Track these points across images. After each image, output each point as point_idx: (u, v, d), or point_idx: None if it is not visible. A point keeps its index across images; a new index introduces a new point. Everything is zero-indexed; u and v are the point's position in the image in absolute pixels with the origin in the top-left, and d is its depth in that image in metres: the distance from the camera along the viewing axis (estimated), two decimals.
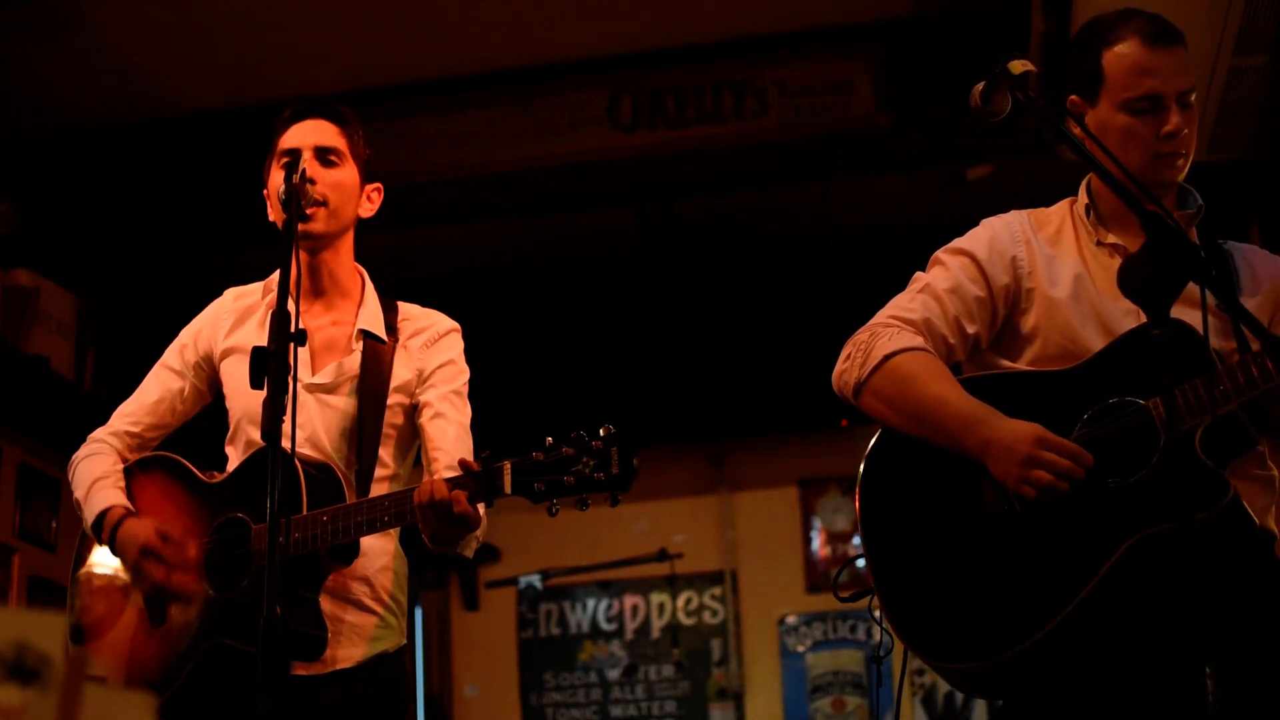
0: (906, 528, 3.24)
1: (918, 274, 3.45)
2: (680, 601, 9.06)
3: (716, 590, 9.06)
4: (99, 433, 3.87)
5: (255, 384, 3.04)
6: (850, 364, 3.32)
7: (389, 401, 3.68)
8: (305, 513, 3.38)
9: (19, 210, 7.23)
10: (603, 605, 9.23)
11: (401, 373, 3.71)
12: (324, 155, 3.71)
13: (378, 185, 3.84)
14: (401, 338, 3.76)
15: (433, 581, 9.12)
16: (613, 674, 9.10)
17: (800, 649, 8.87)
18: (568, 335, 8.65)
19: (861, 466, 3.31)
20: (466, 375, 3.76)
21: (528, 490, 3.16)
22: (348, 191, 3.74)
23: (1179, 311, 3.16)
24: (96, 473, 3.75)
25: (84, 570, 3.86)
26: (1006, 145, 6.48)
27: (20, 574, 7.22)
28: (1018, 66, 3.07)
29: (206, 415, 3.94)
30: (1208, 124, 6.10)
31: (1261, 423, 3.12)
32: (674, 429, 8.59)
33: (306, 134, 3.74)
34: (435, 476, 3.32)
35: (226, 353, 3.79)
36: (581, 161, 7.06)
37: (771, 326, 8.30)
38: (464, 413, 3.69)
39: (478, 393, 3.77)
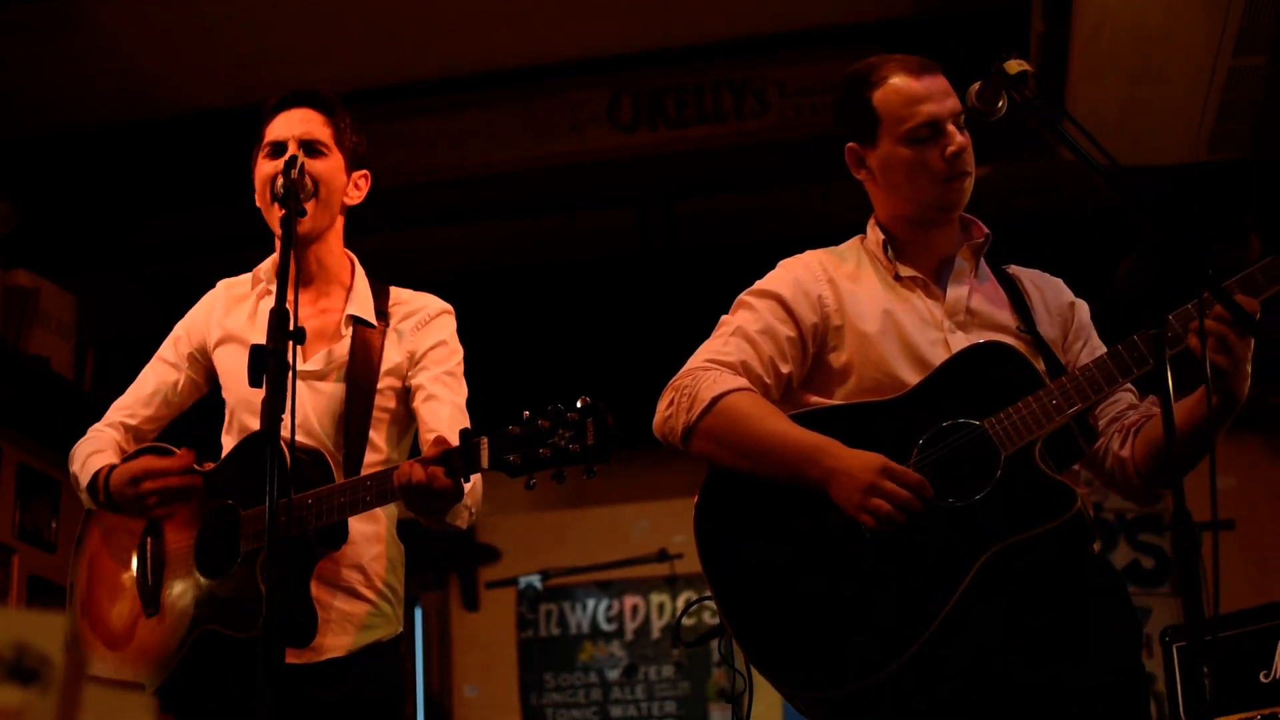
0: (753, 564, 3.25)
1: (724, 318, 3.51)
2: (680, 602, 9.05)
3: None
4: (97, 426, 3.89)
5: (254, 382, 3.05)
6: (675, 409, 3.33)
7: (380, 386, 3.68)
8: (291, 496, 3.38)
9: (19, 210, 7.23)
10: (603, 606, 9.22)
11: (392, 356, 3.71)
12: (310, 147, 3.72)
13: (365, 172, 3.84)
14: (393, 321, 3.76)
15: (432, 582, 9.12)
16: (613, 674, 9.10)
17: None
18: (567, 335, 8.65)
19: (695, 509, 3.34)
20: (460, 355, 3.76)
21: (504, 464, 3.15)
22: (334, 182, 3.75)
23: (987, 339, 3.28)
24: (92, 448, 3.79)
25: (83, 564, 3.87)
26: (1004, 146, 6.49)
27: (20, 574, 7.21)
28: (1014, 66, 3.09)
29: (202, 409, 3.94)
30: (1207, 124, 6.11)
31: (1090, 434, 3.23)
32: None
33: (293, 124, 3.75)
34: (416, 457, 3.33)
35: (219, 342, 3.81)
36: (581, 161, 7.06)
37: None
38: (458, 393, 3.70)
39: (477, 393, 3.76)
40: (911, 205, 3.40)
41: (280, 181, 3.49)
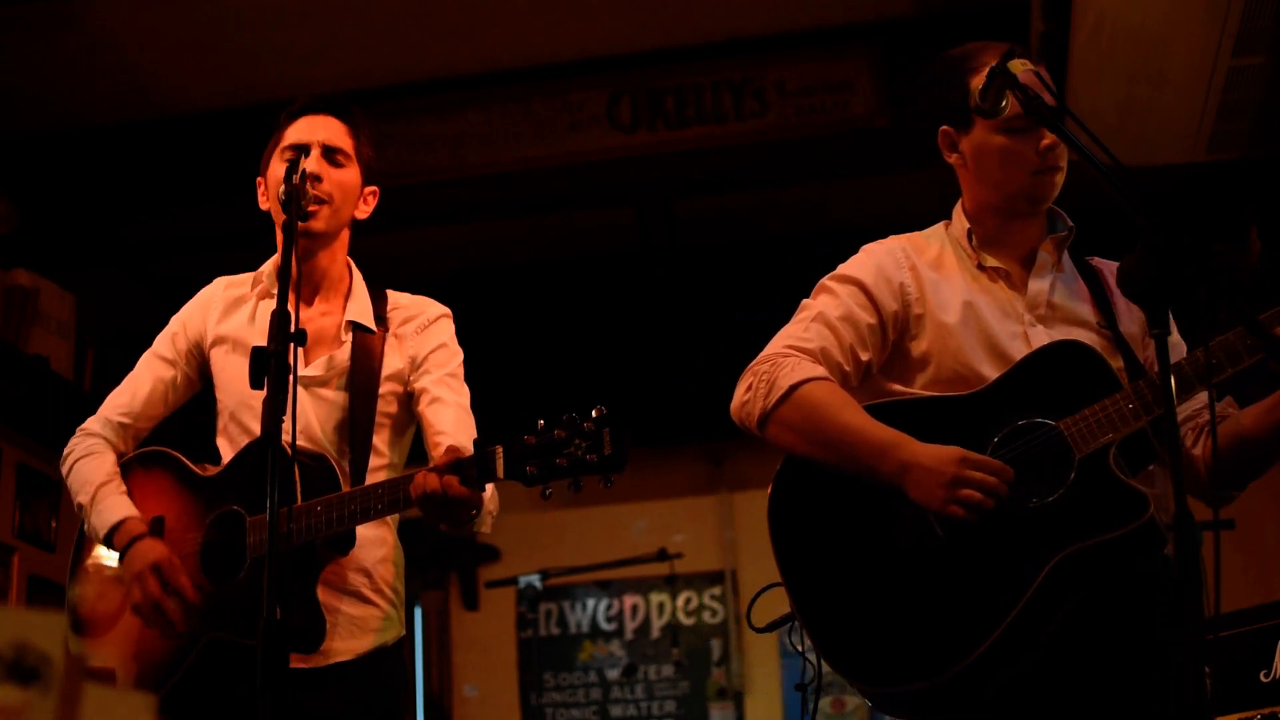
0: (824, 555, 3.24)
1: (805, 301, 3.48)
2: (680, 601, 9.06)
3: (716, 590, 9.06)
4: (91, 424, 3.85)
5: (255, 384, 3.04)
6: (753, 395, 3.33)
7: (381, 391, 3.68)
8: (300, 504, 3.38)
9: (19, 210, 7.23)
10: (602, 605, 9.22)
11: (393, 361, 3.71)
12: (331, 154, 3.72)
13: (375, 188, 3.84)
14: (392, 326, 3.76)
15: (432, 581, 9.12)
16: (612, 674, 9.09)
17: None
18: (567, 335, 8.65)
19: (769, 496, 3.33)
20: (461, 357, 3.76)
21: (520, 474, 3.13)
22: (350, 192, 3.75)
23: (1067, 333, 3.26)
24: (99, 476, 3.74)
25: (85, 565, 3.86)
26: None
27: (20, 574, 7.21)
28: (1017, 66, 3.08)
29: (199, 408, 3.93)
30: (1207, 124, 6.11)
31: (1161, 437, 3.15)
32: (674, 429, 8.58)
33: (316, 129, 3.74)
34: (432, 463, 3.31)
35: (215, 341, 3.79)
36: (581, 161, 7.06)
37: (772, 326, 8.27)
38: (462, 394, 3.69)
39: (478, 393, 3.76)
40: (1000, 194, 3.38)
41: (283, 188, 3.47)
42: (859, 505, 3.20)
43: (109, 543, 3.66)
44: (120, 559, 3.62)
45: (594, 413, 3.11)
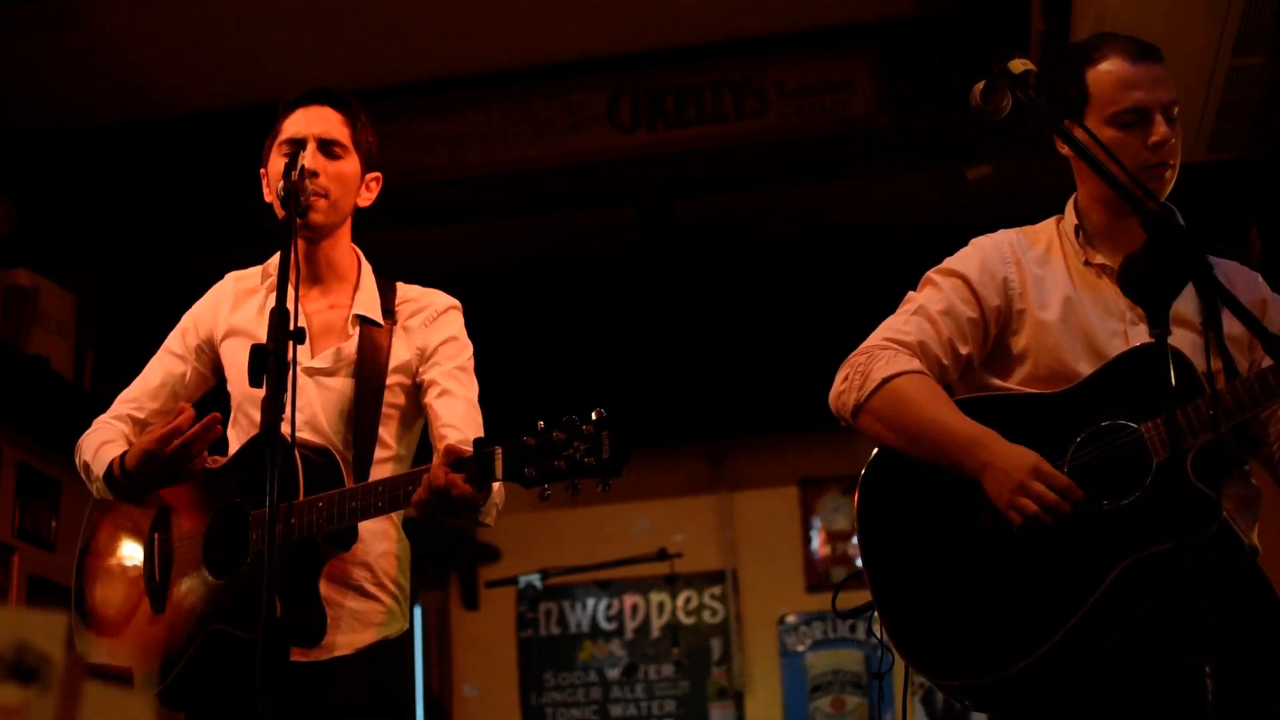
0: (905, 545, 3.29)
1: (910, 294, 3.49)
2: (680, 601, 9.06)
3: (716, 590, 9.06)
4: (104, 417, 3.87)
5: (254, 382, 3.05)
6: (848, 386, 3.36)
7: (388, 382, 3.68)
8: (302, 498, 3.38)
9: (19, 209, 7.23)
10: (602, 605, 9.23)
11: (400, 353, 3.71)
12: (327, 147, 3.72)
13: (377, 175, 3.84)
14: (400, 319, 3.76)
15: (432, 581, 9.12)
16: (612, 673, 9.10)
17: (800, 648, 8.87)
18: (567, 335, 8.66)
19: (859, 485, 3.37)
20: (470, 351, 3.75)
21: (518, 475, 3.13)
22: (349, 183, 3.75)
23: (1176, 335, 3.22)
24: (102, 438, 3.76)
25: (89, 559, 3.87)
26: (1007, 145, 6.49)
27: (20, 573, 7.21)
28: (1018, 66, 3.08)
29: (208, 399, 3.94)
30: (1207, 124, 6.11)
31: (1249, 443, 3.19)
32: (674, 428, 8.58)
33: (312, 122, 3.74)
34: (435, 461, 3.30)
35: (226, 334, 3.80)
36: (581, 161, 7.06)
37: (771, 326, 8.30)
38: (471, 388, 3.69)
39: (479, 392, 3.76)
40: (1109, 188, 3.38)
41: (282, 184, 3.48)
42: (944, 499, 3.24)
43: (110, 482, 3.65)
44: (130, 485, 3.61)
45: (594, 415, 3.10)
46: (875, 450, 3.38)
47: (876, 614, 3.31)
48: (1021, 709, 3.14)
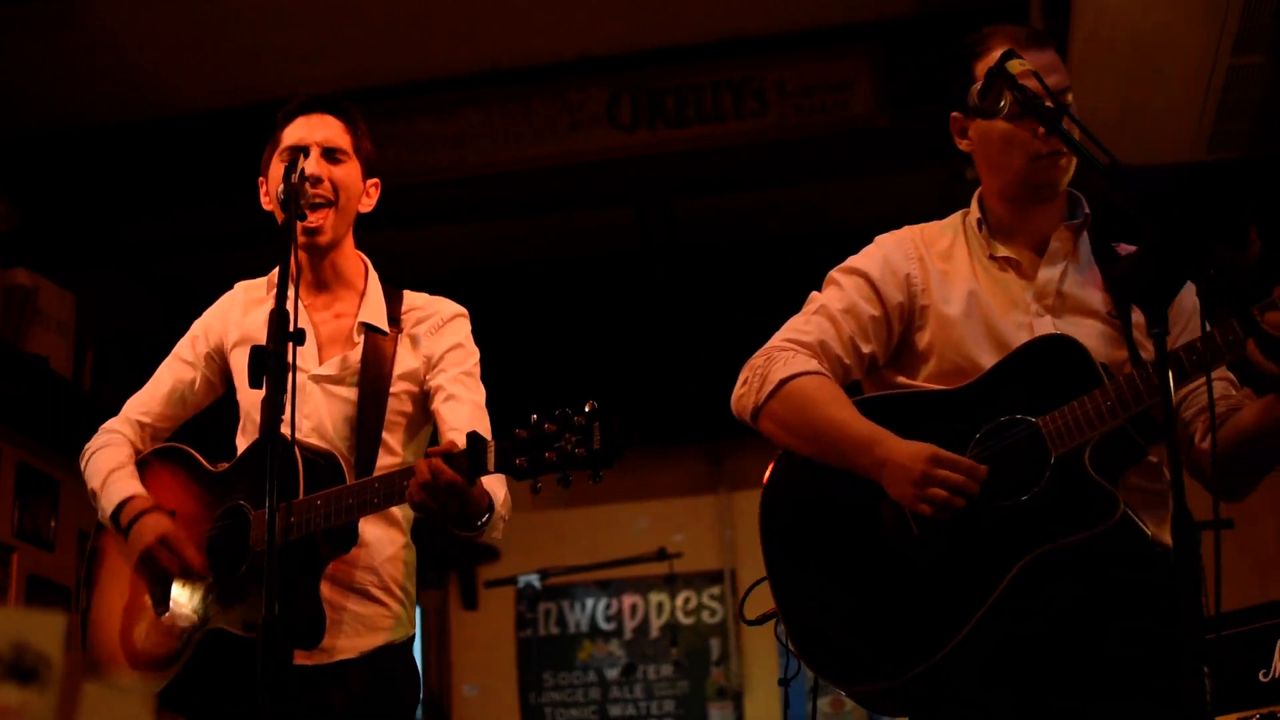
0: (807, 550, 3.25)
1: (813, 293, 3.48)
2: (679, 601, 9.06)
3: (715, 590, 9.07)
4: (112, 423, 3.89)
5: (254, 383, 3.05)
6: (748, 389, 3.35)
7: (394, 390, 3.68)
8: (301, 498, 3.39)
9: (18, 209, 7.23)
10: (601, 605, 9.23)
11: (407, 361, 3.72)
12: (330, 154, 3.73)
13: (376, 180, 3.86)
14: (406, 327, 3.77)
15: (432, 581, 9.12)
16: (611, 673, 9.10)
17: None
18: (567, 335, 8.66)
19: (763, 491, 3.34)
20: (476, 357, 3.76)
21: (510, 467, 3.14)
22: (353, 189, 3.77)
23: (1076, 324, 3.22)
24: (112, 463, 3.77)
25: (95, 559, 3.88)
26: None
27: (19, 573, 7.22)
28: (1015, 66, 3.08)
29: (218, 406, 3.96)
30: (1207, 123, 6.11)
31: (1151, 433, 3.11)
32: (673, 428, 8.59)
33: (314, 129, 3.75)
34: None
35: (236, 343, 3.81)
36: (581, 161, 7.06)
37: (771, 326, 8.28)
38: (477, 392, 3.69)
39: None
40: (1005, 180, 3.35)
41: (282, 188, 3.48)
42: (845, 502, 3.21)
43: (116, 520, 3.69)
44: (126, 534, 3.65)
45: (586, 407, 3.12)
46: (778, 455, 3.36)
47: (780, 619, 3.27)
48: (928, 712, 3.11)
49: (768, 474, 3.36)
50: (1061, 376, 3.10)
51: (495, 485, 3.40)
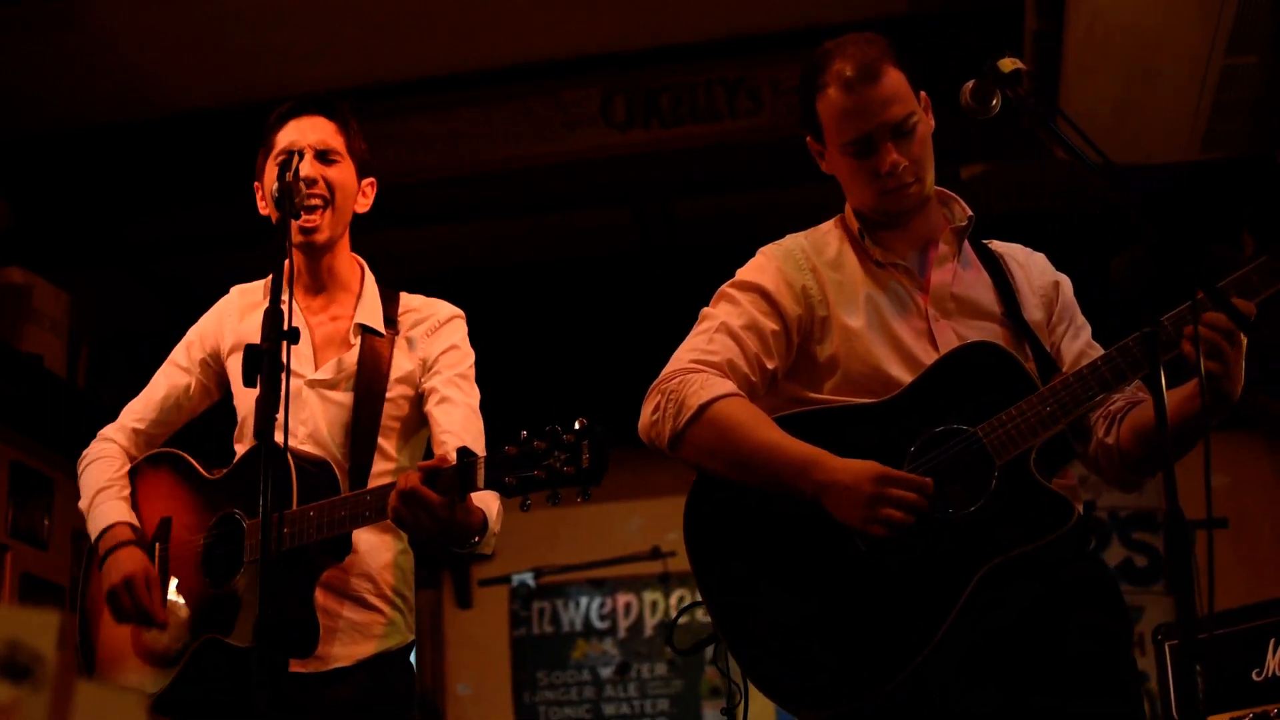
0: (745, 572, 3.18)
1: (705, 310, 3.41)
2: (673, 600, 9.06)
3: None
4: (108, 430, 3.89)
5: (248, 382, 3.05)
6: (662, 415, 3.24)
7: (390, 394, 3.68)
8: (294, 508, 3.38)
9: (14, 208, 7.23)
10: (596, 603, 9.23)
11: (403, 364, 3.71)
12: (324, 155, 3.72)
13: (372, 180, 3.85)
14: (402, 329, 3.76)
15: (425, 580, 9.11)
16: (606, 672, 9.10)
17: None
18: (561, 334, 8.65)
19: (685, 516, 3.27)
20: (471, 359, 3.75)
21: (499, 484, 3.13)
22: (348, 190, 3.76)
23: (972, 327, 3.24)
24: (100, 481, 3.78)
25: (94, 566, 3.87)
26: (1000, 144, 6.49)
27: (12, 572, 7.21)
28: (1008, 65, 3.08)
29: (216, 412, 3.95)
30: (1201, 123, 6.11)
31: (1083, 434, 3.19)
32: None
33: (306, 132, 3.74)
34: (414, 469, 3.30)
35: (232, 349, 3.80)
36: (575, 160, 7.06)
37: None
38: (471, 395, 3.68)
39: None
40: (864, 208, 3.38)
41: (276, 187, 3.47)
42: (779, 523, 3.14)
43: (95, 546, 3.70)
44: (101, 564, 3.65)
45: (576, 424, 3.10)
46: (695, 481, 3.28)
47: (725, 648, 3.22)
48: None
49: (687, 499, 3.28)
50: (991, 384, 3.08)
51: (489, 499, 3.39)
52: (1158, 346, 2.76)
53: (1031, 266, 3.42)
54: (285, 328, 3.09)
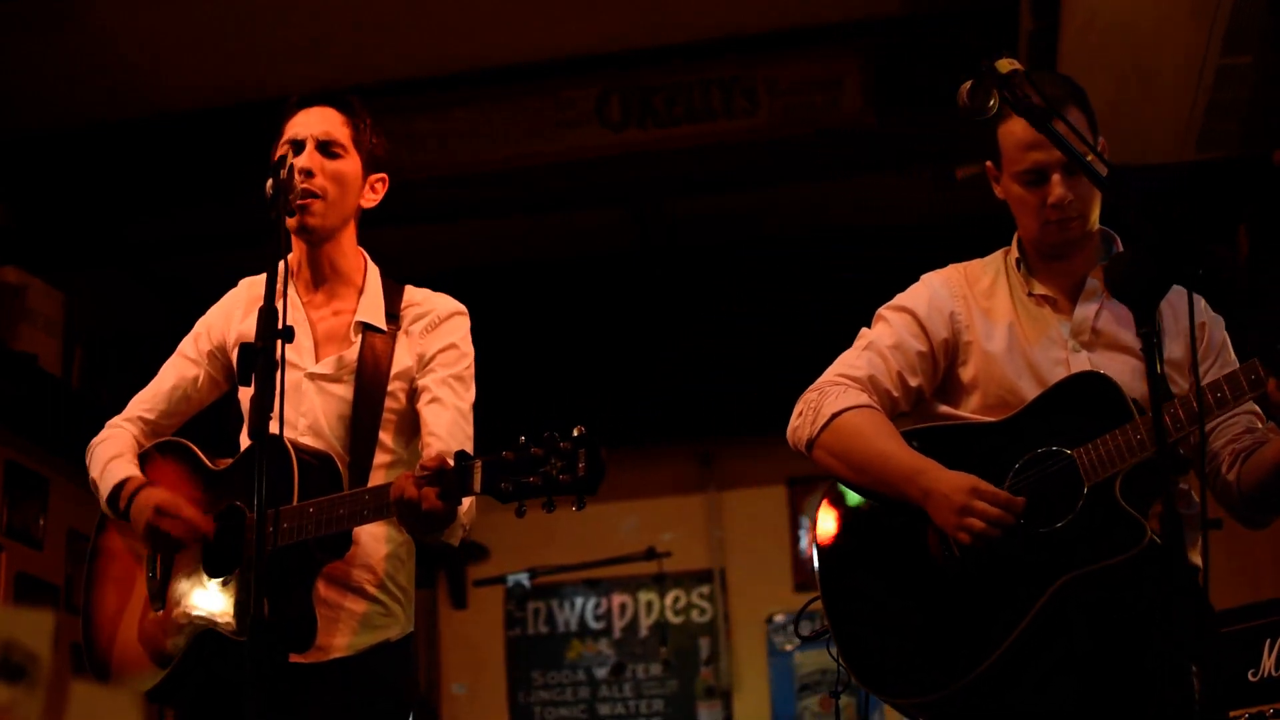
0: (860, 574, 3.46)
1: (863, 330, 3.63)
2: (668, 600, 9.05)
3: (705, 589, 9.06)
4: (116, 419, 3.90)
5: (243, 380, 3.06)
6: (802, 421, 3.53)
7: (390, 388, 3.68)
8: (295, 503, 3.38)
9: (10, 207, 7.22)
10: (590, 604, 9.22)
11: (403, 359, 3.71)
12: (326, 147, 3.72)
13: (383, 176, 3.84)
14: (404, 324, 3.75)
15: (420, 579, 9.08)
16: (600, 672, 9.09)
17: (788, 648, 8.87)
18: (557, 334, 8.65)
19: (817, 517, 3.55)
20: (469, 359, 3.74)
21: (495, 490, 3.16)
22: (348, 183, 3.74)
23: (1110, 359, 3.37)
24: (111, 452, 3.79)
25: (97, 554, 3.89)
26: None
27: (7, 572, 7.21)
28: (1005, 65, 3.09)
29: (224, 401, 3.96)
30: (1196, 122, 6.12)
31: (1178, 464, 3.32)
32: (662, 427, 8.58)
33: (311, 123, 3.74)
34: (412, 471, 3.31)
35: (236, 342, 3.80)
36: (571, 160, 7.06)
37: (761, 325, 8.29)
38: (462, 397, 3.68)
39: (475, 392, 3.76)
40: (1027, 237, 3.53)
41: (269, 183, 3.47)
42: (894, 528, 3.39)
43: (114, 503, 3.69)
44: (127, 515, 3.65)
45: (574, 432, 3.13)
46: (829, 485, 3.55)
47: (831, 635, 3.45)
48: None
49: (820, 503, 3.57)
50: (1095, 410, 3.26)
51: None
52: (1150, 345, 2.78)
53: (1181, 306, 3.46)
54: (280, 326, 3.09)
